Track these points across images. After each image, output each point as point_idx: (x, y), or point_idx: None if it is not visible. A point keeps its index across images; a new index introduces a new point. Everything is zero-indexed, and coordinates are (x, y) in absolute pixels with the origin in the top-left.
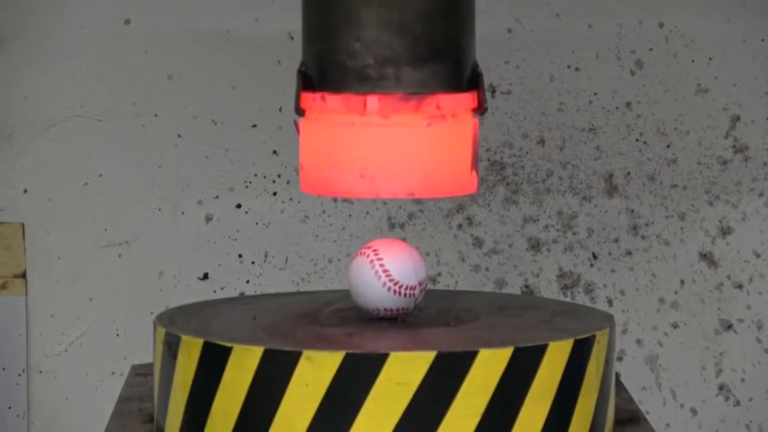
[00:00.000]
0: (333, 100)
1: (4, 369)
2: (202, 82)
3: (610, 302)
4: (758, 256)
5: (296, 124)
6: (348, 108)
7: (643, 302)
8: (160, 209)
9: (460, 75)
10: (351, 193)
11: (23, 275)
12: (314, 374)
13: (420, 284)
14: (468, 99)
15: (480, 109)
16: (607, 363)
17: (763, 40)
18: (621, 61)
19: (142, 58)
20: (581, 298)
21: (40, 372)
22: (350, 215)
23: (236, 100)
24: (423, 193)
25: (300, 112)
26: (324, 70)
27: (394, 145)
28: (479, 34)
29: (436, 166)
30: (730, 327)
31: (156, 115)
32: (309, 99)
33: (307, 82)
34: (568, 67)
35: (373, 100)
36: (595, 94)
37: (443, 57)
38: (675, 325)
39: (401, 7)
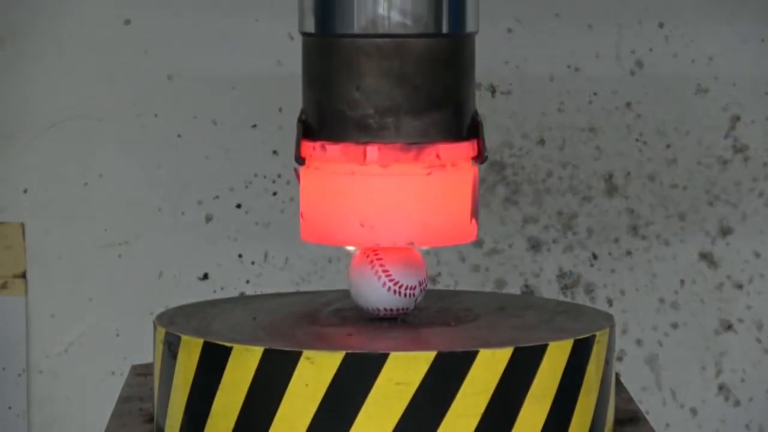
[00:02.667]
0: (333, 149)
1: (4, 369)
2: (202, 82)
3: (610, 302)
4: (758, 256)
5: (296, 172)
6: (348, 157)
7: (643, 302)
8: (160, 209)
9: (460, 124)
10: (351, 242)
11: (23, 275)
12: (314, 374)
13: (420, 284)
14: (468, 148)
15: (480, 158)
16: (607, 363)
17: (763, 40)
18: (621, 61)
19: (142, 58)
20: (581, 298)
21: (40, 372)
22: None
23: (236, 100)
24: (423, 242)
25: (300, 160)
26: (324, 119)
27: (394, 194)
28: (479, 34)
29: (435, 216)
30: (730, 327)
31: (156, 115)
32: (309, 148)
33: (307, 130)
34: (568, 67)
35: (373, 150)
36: (595, 94)
37: (443, 106)
38: (675, 325)
39: (401, 56)
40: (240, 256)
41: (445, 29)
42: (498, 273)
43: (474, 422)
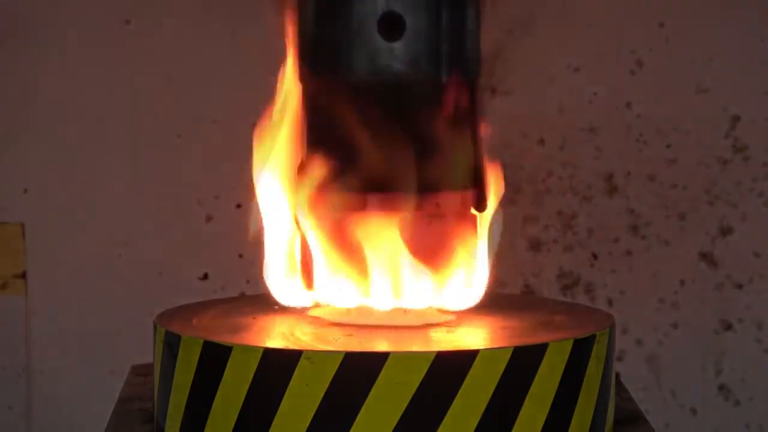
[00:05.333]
0: (334, 197)
1: (4, 369)
2: (202, 82)
3: (610, 302)
4: (758, 256)
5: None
6: (348, 206)
7: (643, 302)
8: (160, 209)
9: (461, 172)
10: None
11: (23, 275)
12: (314, 374)
13: None
14: (468, 197)
15: (481, 207)
16: (607, 363)
17: (762, 40)
18: (621, 61)
19: (142, 58)
20: (581, 298)
21: (40, 372)
22: None
23: (236, 99)
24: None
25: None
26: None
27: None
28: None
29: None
30: (730, 327)
31: (156, 115)
32: None
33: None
34: (568, 67)
35: (373, 199)
36: (595, 94)
37: (444, 155)
38: (675, 325)
39: (402, 104)
40: (240, 256)
41: (446, 77)
42: (498, 273)
43: (474, 422)
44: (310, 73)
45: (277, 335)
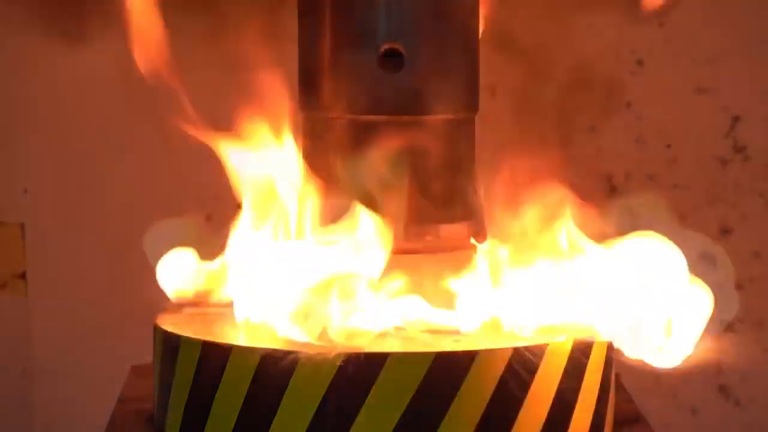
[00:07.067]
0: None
1: (4, 369)
2: (202, 83)
3: None
4: (758, 256)
5: None
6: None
7: None
8: (160, 209)
9: (460, 204)
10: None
11: (23, 275)
12: (314, 374)
13: None
14: (468, 228)
15: (480, 238)
16: (607, 363)
17: (763, 40)
18: (621, 61)
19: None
20: None
21: (41, 372)
22: None
23: (237, 99)
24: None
25: None
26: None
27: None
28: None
29: (435, 295)
30: (730, 327)
31: (156, 116)
32: None
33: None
34: (569, 66)
35: None
36: (595, 94)
37: (444, 188)
38: None
39: (400, 138)
40: None
41: (444, 111)
42: None
43: (474, 422)
44: (304, 104)
45: (277, 336)
